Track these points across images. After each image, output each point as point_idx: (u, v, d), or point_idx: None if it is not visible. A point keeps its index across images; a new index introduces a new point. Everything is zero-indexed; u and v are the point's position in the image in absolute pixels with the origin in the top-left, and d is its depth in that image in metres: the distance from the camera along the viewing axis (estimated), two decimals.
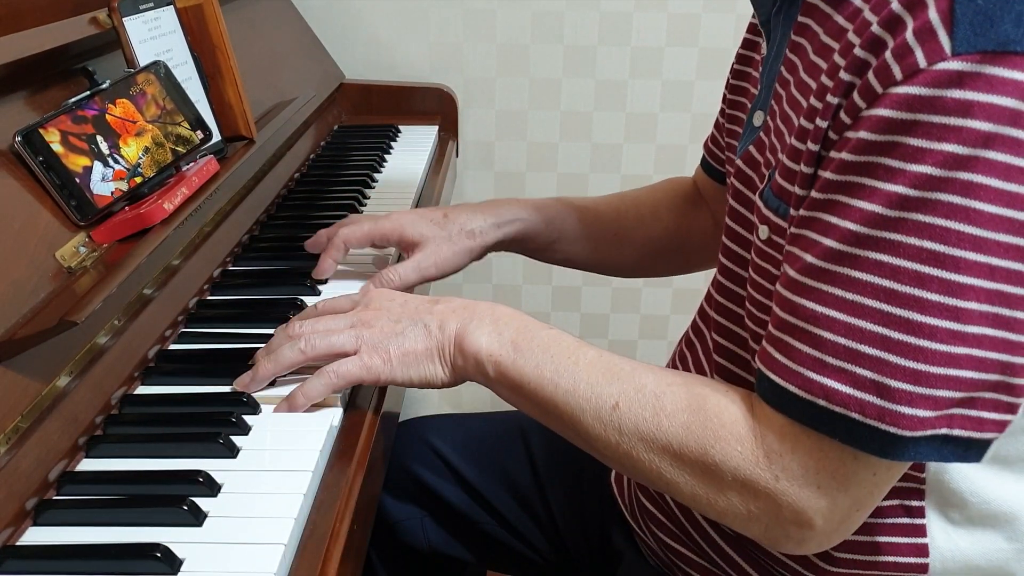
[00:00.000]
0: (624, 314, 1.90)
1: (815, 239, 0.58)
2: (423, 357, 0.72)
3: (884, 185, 0.54)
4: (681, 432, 0.63)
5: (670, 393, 0.65)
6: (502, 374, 0.70)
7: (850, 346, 0.56)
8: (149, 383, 0.79)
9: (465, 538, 1.02)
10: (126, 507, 0.63)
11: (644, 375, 0.67)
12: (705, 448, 0.62)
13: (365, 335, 0.73)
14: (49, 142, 0.76)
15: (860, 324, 0.56)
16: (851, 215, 0.56)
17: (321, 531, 0.63)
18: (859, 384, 0.56)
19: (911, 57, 0.53)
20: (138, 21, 0.93)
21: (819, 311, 0.57)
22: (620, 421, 0.65)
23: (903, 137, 0.53)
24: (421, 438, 1.03)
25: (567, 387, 0.67)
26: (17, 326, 0.66)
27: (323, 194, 1.24)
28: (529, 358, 0.69)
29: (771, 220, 0.65)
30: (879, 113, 0.54)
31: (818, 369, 0.57)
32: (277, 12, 1.49)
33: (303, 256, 1.03)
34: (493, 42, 1.70)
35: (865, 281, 0.55)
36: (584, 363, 0.68)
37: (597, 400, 0.66)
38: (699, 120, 1.75)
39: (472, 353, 0.71)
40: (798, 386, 0.58)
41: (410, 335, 0.72)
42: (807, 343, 0.58)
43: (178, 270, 0.90)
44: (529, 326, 0.72)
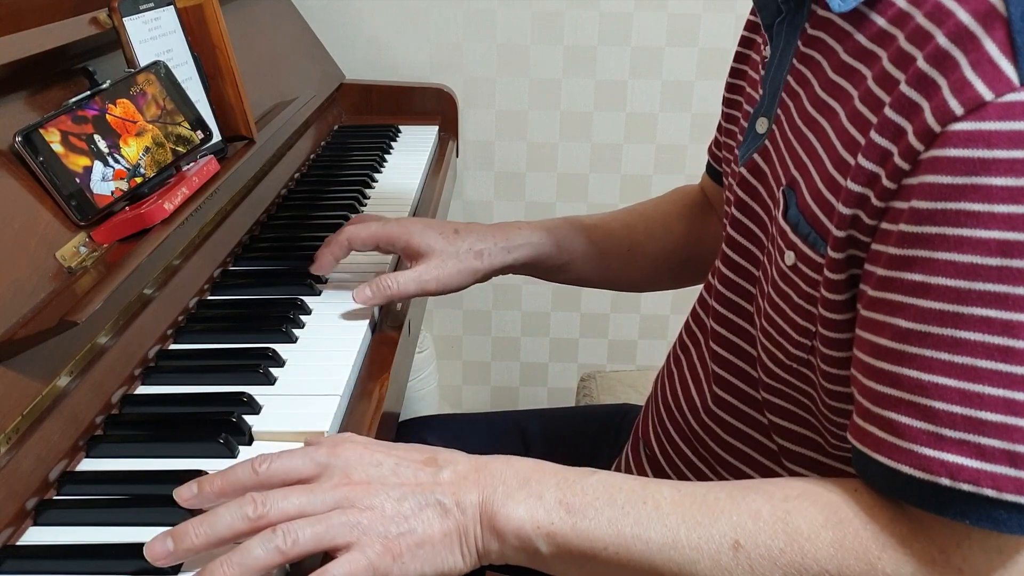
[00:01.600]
0: (624, 314, 1.90)
1: (903, 301, 0.53)
2: (440, 546, 0.57)
3: (974, 232, 0.49)
4: (834, 552, 0.55)
5: (795, 510, 0.56)
6: (561, 547, 0.57)
7: (969, 415, 0.50)
8: (149, 383, 0.79)
9: None
10: (126, 507, 0.63)
11: (750, 498, 0.57)
12: (871, 563, 0.54)
13: (363, 522, 0.56)
14: (49, 142, 0.76)
15: (977, 389, 0.50)
16: (944, 270, 0.51)
17: None
18: (987, 456, 0.50)
19: (971, 91, 0.49)
20: (138, 21, 0.94)
21: (926, 380, 0.52)
22: (751, 561, 0.55)
23: (983, 177, 0.49)
24: (421, 438, 1.03)
25: (662, 540, 0.56)
26: (17, 326, 0.66)
27: (323, 194, 1.24)
28: (594, 518, 0.57)
29: (798, 248, 0.61)
30: (947, 153, 0.50)
31: (935, 444, 0.51)
32: (277, 12, 1.49)
33: (303, 256, 1.03)
34: (493, 42, 1.70)
35: (974, 341, 0.50)
36: (667, 504, 0.57)
37: (710, 545, 0.56)
38: (699, 120, 1.75)
39: (513, 531, 0.57)
40: (913, 466, 0.52)
41: (423, 518, 0.57)
42: (916, 417, 0.52)
43: (178, 270, 0.90)
44: (568, 477, 0.59)
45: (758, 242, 0.72)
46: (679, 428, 0.80)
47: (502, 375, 1.96)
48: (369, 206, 1.23)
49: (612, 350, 1.94)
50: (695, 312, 0.82)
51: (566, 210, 1.80)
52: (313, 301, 0.93)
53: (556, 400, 1.98)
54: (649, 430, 0.85)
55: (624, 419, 1.04)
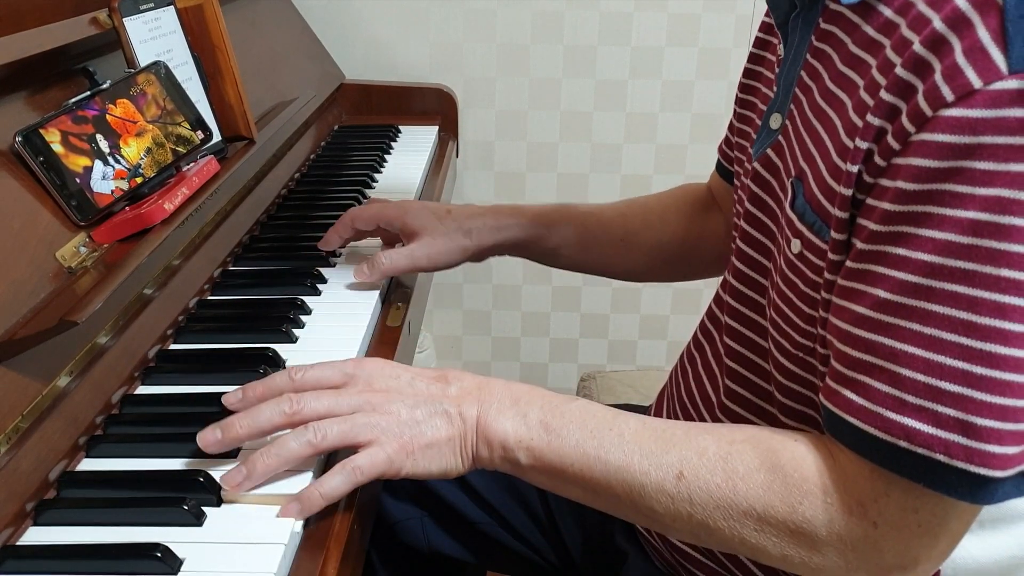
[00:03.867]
0: (624, 314, 1.90)
1: (884, 273, 0.55)
2: (445, 448, 0.66)
3: (954, 212, 0.52)
4: (762, 493, 0.59)
5: (737, 452, 0.61)
6: (537, 459, 0.65)
7: (930, 383, 0.53)
8: (149, 383, 0.79)
9: (465, 538, 1.02)
10: (126, 507, 0.63)
11: (701, 436, 0.63)
12: (793, 506, 0.59)
13: (383, 423, 0.65)
14: (49, 142, 0.76)
15: (939, 359, 0.53)
16: (921, 245, 0.53)
17: (321, 531, 0.63)
18: (942, 423, 0.53)
19: (962, 78, 0.51)
20: (138, 21, 0.94)
21: (896, 347, 0.55)
22: (689, 491, 0.61)
23: (967, 161, 0.51)
24: None
25: (619, 463, 0.63)
26: (17, 326, 0.66)
27: (323, 194, 1.24)
28: (566, 437, 0.64)
29: (804, 236, 0.63)
30: (935, 138, 0.52)
31: (898, 408, 0.55)
32: (277, 12, 1.49)
33: (303, 256, 1.03)
34: (493, 42, 1.70)
35: (942, 314, 0.53)
36: (630, 434, 0.64)
37: (657, 472, 0.62)
38: (699, 120, 1.75)
39: (500, 442, 0.65)
40: (878, 427, 0.55)
41: (432, 424, 0.66)
42: (885, 382, 0.55)
43: (178, 270, 0.90)
44: (553, 401, 0.67)
45: (771, 235, 0.72)
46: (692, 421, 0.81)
47: (502, 375, 1.95)
48: None
49: (612, 350, 1.94)
50: (711, 308, 0.82)
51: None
52: (313, 301, 0.93)
53: None
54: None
55: None
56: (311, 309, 0.92)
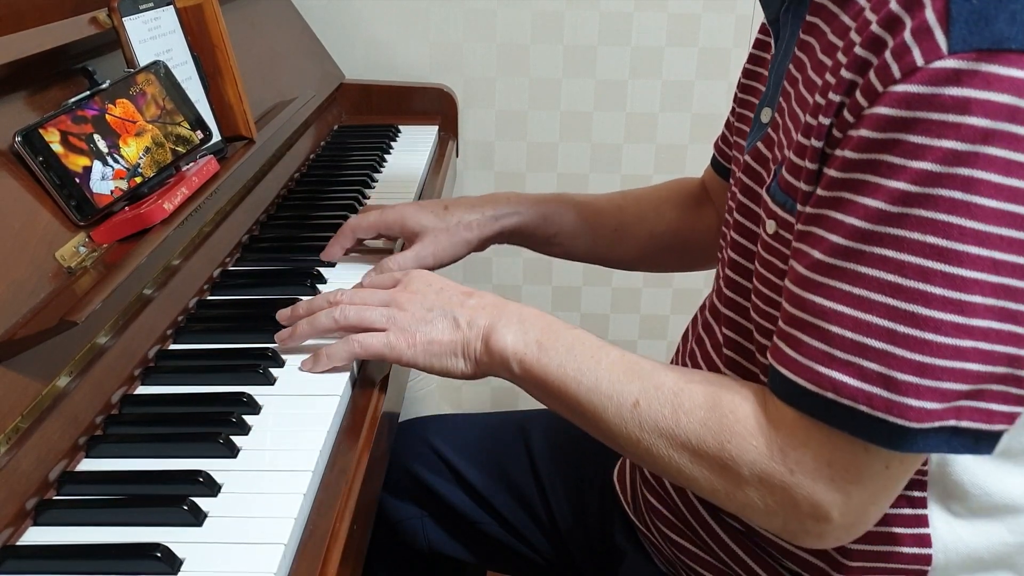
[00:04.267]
0: (624, 314, 1.90)
1: (822, 235, 0.59)
2: (447, 349, 0.75)
3: (887, 182, 0.55)
4: (699, 428, 0.64)
5: (688, 390, 0.66)
6: (527, 371, 0.72)
7: (857, 340, 0.57)
8: (149, 383, 0.79)
9: (465, 538, 1.02)
10: (126, 507, 0.63)
11: (664, 374, 0.68)
12: (722, 443, 0.63)
13: (396, 316, 0.76)
14: (49, 142, 0.76)
15: (867, 318, 0.57)
16: (856, 211, 0.57)
17: (321, 531, 0.63)
18: (866, 377, 0.57)
19: (909, 56, 0.54)
20: (138, 21, 0.94)
21: (827, 306, 0.58)
22: (640, 418, 0.67)
23: (903, 134, 0.54)
24: (422, 438, 1.03)
25: (589, 385, 0.69)
26: (17, 326, 0.66)
27: (323, 194, 1.24)
28: (553, 357, 0.71)
29: (778, 215, 0.66)
30: (879, 111, 0.55)
31: (827, 363, 0.58)
32: (277, 12, 1.49)
33: (303, 256, 1.03)
34: (493, 42, 1.70)
35: (871, 276, 0.56)
36: (606, 362, 0.70)
37: (618, 398, 0.68)
38: (699, 120, 1.75)
39: (498, 351, 0.73)
40: (807, 380, 0.59)
41: (438, 325, 0.76)
42: (816, 338, 0.59)
43: (178, 270, 0.90)
44: (554, 326, 0.74)
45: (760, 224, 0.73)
46: None
47: None
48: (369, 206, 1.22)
49: None
50: (712, 302, 0.82)
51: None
52: None
53: None
54: None
55: None
56: None
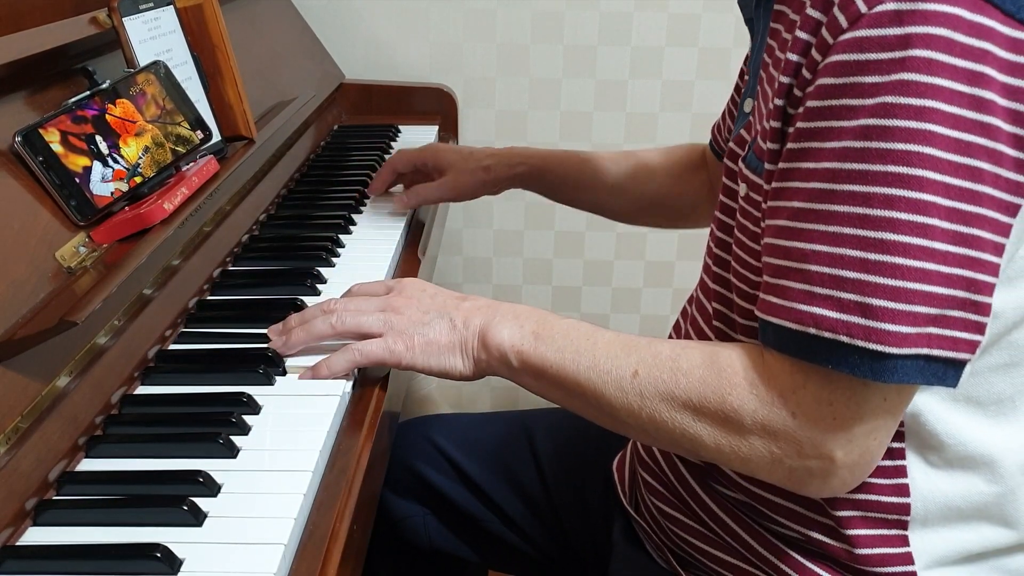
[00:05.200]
0: (624, 314, 1.90)
1: (797, 187, 0.62)
2: (445, 349, 0.76)
3: (848, 123, 0.59)
4: (699, 386, 0.67)
5: (685, 354, 0.68)
6: (525, 362, 0.74)
7: (834, 273, 0.60)
8: (149, 383, 0.79)
9: (468, 536, 1.02)
10: (126, 507, 0.63)
11: (659, 344, 0.71)
12: (723, 397, 0.65)
13: (393, 320, 0.77)
14: (49, 142, 0.76)
15: (841, 252, 0.59)
16: (825, 156, 0.60)
17: (321, 531, 0.63)
18: (844, 307, 0.59)
19: (853, 6, 0.58)
20: (138, 21, 0.94)
21: (807, 248, 0.61)
22: (641, 386, 0.68)
23: (857, 76, 0.58)
24: (424, 436, 1.03)
25: (588, 364, 0.71)
26: (17, 326, 0.66)
27: (323, 194, 1.24)
28: (550, 344, 0.73)
29: (749, 179, 0.70)
30: (834, 59, 0.59)
31: (808, 301, 0.61)
32: (277, 12, 1.49)
33: (303, 256, 1.03)
34: (493, 42, 1.70)
35: (842, 212, 0.59)
36: (602, 342, 0.72)
37: (618, 371, 0.69)
38: (699, 120, 1.74)
39: (495, 346, 0.75)
40: (792, 320, 0.62)
41: (435, 327, 0.77)
42: (798, 280, 0.62)
43: (178, 270, 0.90)
44: (548, 318, 0.76)
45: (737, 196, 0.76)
46: None
47: None
48: (369, 206, 1.22)
49: None
50: (703, 281, 0.83)
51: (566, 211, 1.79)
52: (313, 301, 0.93)
53: None
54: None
55: None
56: None
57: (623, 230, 1.81)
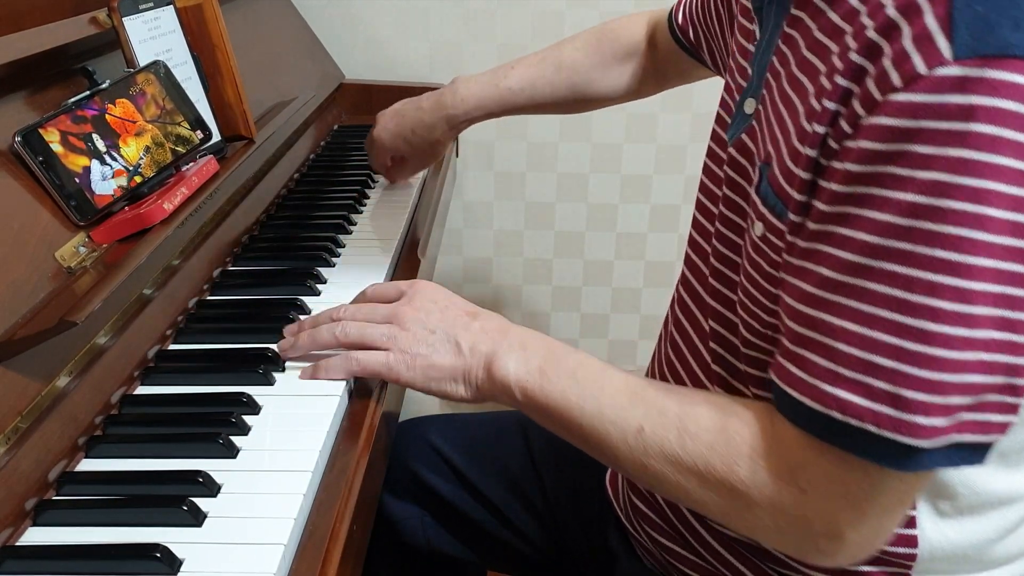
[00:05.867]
0: (624, 314, 1.90)
1: (829, 252, 0.57)
2: (446, 374, 0.74)
3: (893, 194, 0.53)
4: (706, 452, 0.63)
5: (692, 414, 0.65)
6: (529, 399, 0.71)
7: (864, 358, 0.56)
8: (149, 383, 0.79)
9: (466, 537, 1.02)
10: (126, 507, 0.63)
11: (667, 398, 0.67)
12: (731, 467, 0.62)
13: (398, 336, 0.75)
14: (49, 142, 0.76)
15: (874, 335, 0.55)
16: (863, 226, 0.55)
17: (321, 531, 0.63)
18: (874, 396, 0.55)
19: (909, 63, 0.53)
20: (138, 21, 0.93)
21: (835, 323, 0.57)
22: (646, 444, 0.66)
23: (908, 145, 0.53)
24: (422, 437, 1.03)
25: (593, 412, 0.68)
26: (17, 326, 0.66)
27: (323, 194, 1.24)
28: (556, 384, 0.70)
29: (767, 218, 0.65)
30: (881, 122, 0.54)
31: (833, 381, 0.57)
32: (277, 12, 1.49)
33: (303, 256, 1.03)
34: (493, 42, 1.69)
35: (879, 292, 0.55)
36: (609, 389, 0.69)
37: (623, 424, 0.67)
38: (699, 120, 1.74)
39: (500, 379, 0.72)
40: (813, 399, 0.58)
41: (440, 350, 0.74)
42: (823, 356, 0.58)
43: (178, 270, 0.90)
44: (556, 352, 0.73)
45: (747, 218, 0.72)
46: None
47: None
48: (368, 206, 1.23)
49: (612, 350, 1.94)
50: (692, 287, 0.82)
51: (566, 211, 1.80)
52: (313, 301, 0.93)
53: None
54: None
55: None
56: (310, 309, 0.91)
57: (623, 230, 1.81)
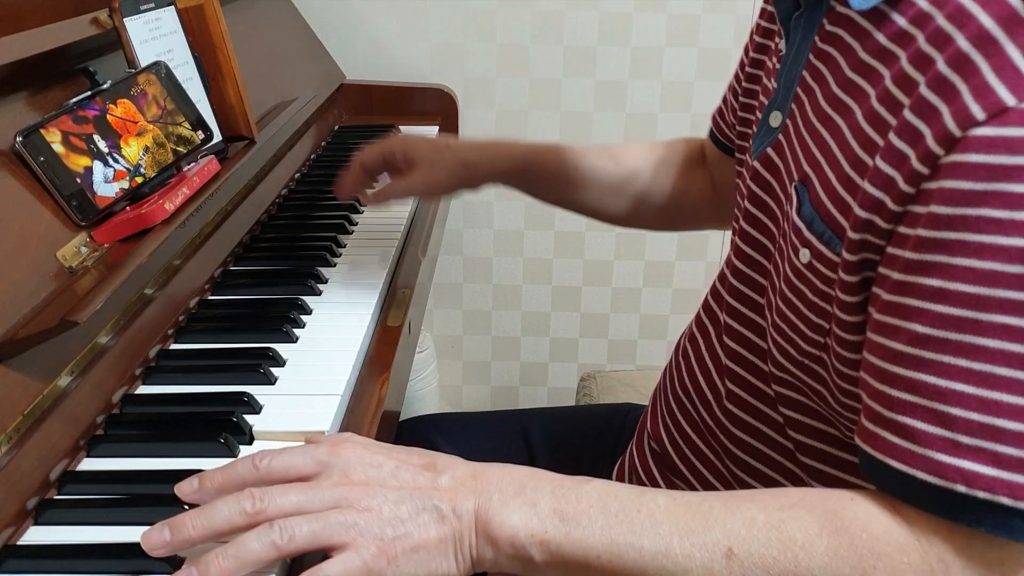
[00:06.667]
0: (624, 314, 1.90)
1: (919, 306, 0.53)
2: (435, 551, 0.57)
3: (996, 239, 0.49)
4: (828, 561, 0.54)
5: (790, 518, 0.55)
6: (554, 554, 0.57)
7: (986, 422, 0.50)
8: (150, 383, 0.79)
9: None
10: (127, 507, 0.64)
11: (744, 505, 0.57)
12: (865, 572, 0.53)
13: (360, 523, 0.55)
14: (50, 142, 0.76)
15: (994, 396, 0.50)
16: (963, 276, 0.51)
17: None
18: (1003, 464, 0.50)
19: (993, 96, 0.49)
20: (139, 21, 0.94)
21: (943, 386, 0.51)
22: (743, 569, 0.54)
23: (1005, 184, 0.49)
24: (422, 436, 1.03)
25: (655, 548, 0.55)
26: (18, 326, 0.66)
27: (323, 194, 1.24)
28: (588, 526, 0.56)
29: (814, 246, 0.61)
30: (967, 159, 0.50)
31: (951, 451, 0.51)
32: (277, 12, 1.49)
33: (304, 256, 1.03)
34: (493, 42, 1.70)
35: (993, 348, 0.50)
36: (661, 513, 0.57)
37: (703, 553, 0.55)
38: (699, 120, 1.75)
39: (507, 539, 0.57)
40: (931, 472, 0.52)
41: (419, 522, 0.57)
42: (932, 423, 0.52)
43: (179, 270, 0.90)
44: (564, 485, 0.59)
45: (771, 235, 0.72)
46: (691, 420, 0.80)
47: (502, 375, 1.97)
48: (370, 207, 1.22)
49: (612, 350, 1.94)
50: (707, 303, 0.82)
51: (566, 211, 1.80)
52: (313, 301, 0.93)
53: (556, 400, 1.98)
54: (658, 424, 0.85)
55: (627, 418, 1.04)
56: (311, 309, 0.92)
57: (623, 230, 1.81)
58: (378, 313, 0.94)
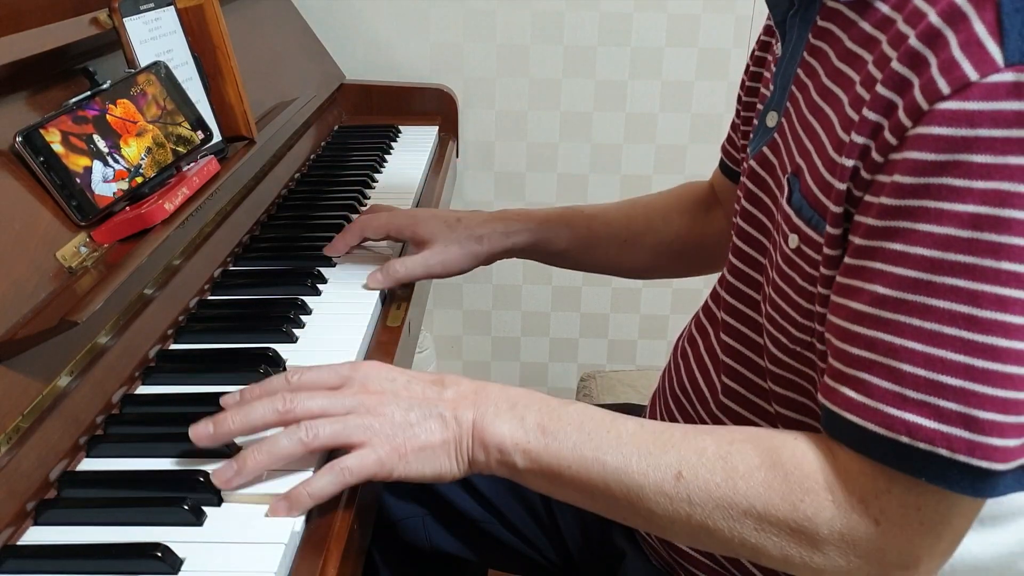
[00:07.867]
0: (624, 314, 1.90)
1: (881, 269, 0.55)
2: (439, 451, 0.65)
3: (952, 206, 0.52)
4: (763, 492, 0.59)
5: (736, 451, 0.61)
6: (534, 462, 0.64)
7: (932, 378, 0.53)
8: (150, 383, 0.79)
9: (467, 537, 1.02)
10: (127, 507, 0.64)
11: (700, 437, 0.62)
12: (794, 504, 0.58)
13: (375, 425, 0.65)
14: (50, 142, 0.76)
15: (941, 354, 0.53)
16: (920, 240, 0.53)
17: (321, 531, 0.63)
18: (944, 417, 0.53)
19: (958, 71, 0.51)
20: (139, 21, 0.94)
21: (896, 343, 0.55)
22: (689, 491, 0.60)
23: (965, 155, 0.51)
24: None
25: (616, 464, 0.62)
26: (18, 326, 0.66)
27: (323, 194, 1.24)
28: (563, 440, 0.64)
29: (802, 230, 0.63)
30: (930, 131, 0.52)
31: (899, 404, 0.54)
32: (277, 12, 1.49)
33: (304, 256, 1.03)
34: (493, 42, 1.70)
35: (943, 308, 0.53)
36: (627, 435, 0.63)
37: (656, 473, 0.61)
38: (699, 120, 1.75)
39: (495, 444, 0.65)
40: (879, 424, 0.55)
41: (426, 427, 0.65)
42: (885, 377, 0.55)
43: (179, 270, 0.90)
44: (550, 404, 0.67)
45: (766, 232, 0.73)
46: (688, 418, 0.81)
47: (502, 375, 1.96)
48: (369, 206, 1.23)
49: (612, 350, 1.94)
50: (707, 305, 0.82)
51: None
52: (313, 301, 0.93)
53: None
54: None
55: None
56: (311, 309, 0.92)
57: None
58: (378, 313, 0.94)
